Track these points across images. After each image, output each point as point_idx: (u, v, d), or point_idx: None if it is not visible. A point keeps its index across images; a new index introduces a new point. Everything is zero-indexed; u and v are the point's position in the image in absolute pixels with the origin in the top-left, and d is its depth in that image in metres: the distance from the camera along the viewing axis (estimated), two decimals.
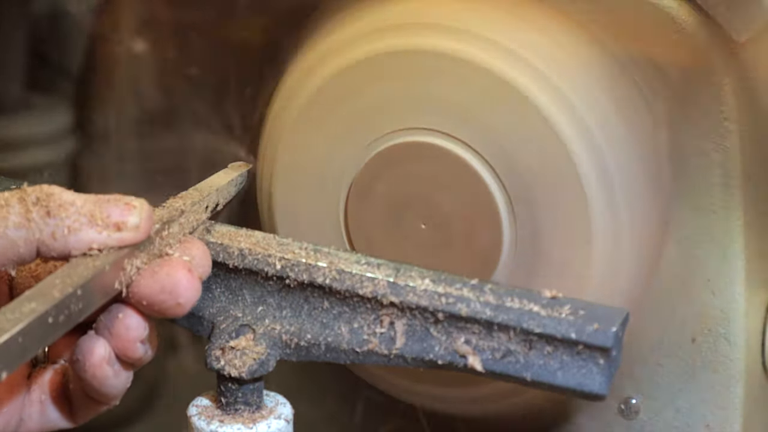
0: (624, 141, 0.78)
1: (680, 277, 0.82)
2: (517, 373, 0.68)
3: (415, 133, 0.79)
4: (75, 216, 0.64)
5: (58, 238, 0.64)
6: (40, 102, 1.49)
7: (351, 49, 0.81)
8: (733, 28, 0.76)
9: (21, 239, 0.63)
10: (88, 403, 0.71)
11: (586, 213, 0.76)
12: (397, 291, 0.69)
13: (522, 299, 0.67)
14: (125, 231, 0.65)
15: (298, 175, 0.83)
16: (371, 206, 0.80)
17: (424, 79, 0.78)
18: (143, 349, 0.68)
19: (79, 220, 0.64)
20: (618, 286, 0.78)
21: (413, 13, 0.80)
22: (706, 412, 0.83)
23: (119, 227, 0.65)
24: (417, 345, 0.70)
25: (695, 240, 0.81)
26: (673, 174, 0.80)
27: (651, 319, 0.82)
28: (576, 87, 0.76)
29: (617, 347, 0.66)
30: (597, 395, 0.67)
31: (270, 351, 0.72)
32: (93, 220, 0.64)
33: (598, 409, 0.86)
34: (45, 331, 0.59)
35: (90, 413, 0.72)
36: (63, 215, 0.64)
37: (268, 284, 0.72)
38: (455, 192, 0.78)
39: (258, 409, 0.72)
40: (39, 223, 0.63)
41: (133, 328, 0.67)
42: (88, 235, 0.64)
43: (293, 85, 0.84)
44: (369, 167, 0.80)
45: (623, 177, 0.77)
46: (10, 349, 0.57)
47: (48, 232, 0.63)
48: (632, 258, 0.78)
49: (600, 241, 0.76)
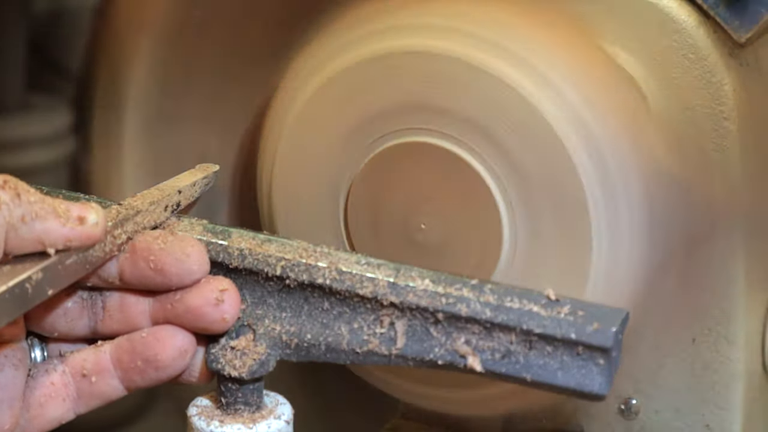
0: (624, 141, 0.78)
1: (680, 277, 0.81)
2: (517, 374, 0.68)
3: (415, 133, 0.79)
4: (40, 203, 0.64)
5: (27, 222, 0.63)
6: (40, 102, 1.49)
7: (351, 50, 0.81)
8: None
9: None
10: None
11: (586, 213, 0.76)
12: (397, 291, 0.69)
13: (522, 299, 0.67)
14: (86, 225, 0.65)
15: (298, 175, 0.83)
16: (371, 206, 0.80)
17: (424, 80, 0.78)
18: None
19: (44, 208, 0.64)
20: (618, 286, 0.78)
21: (414, 14, 0.80)
22: (706, 412, 0.83)
23: (81, 221, 0.65)
24: (417, 345, 0.70)
25: (695, 240, 0.81)
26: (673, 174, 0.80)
27: (651, 319, 0.82)
28: (576, 87, 0.76)
29: (617, 347, 0.66)
30: (597, 395, 0.67)
31: (270, 351, 0.72)
32: (56, 212, 0.65)
33: (598, 409, 0.86)
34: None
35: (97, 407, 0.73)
36: (31, 199, 0.64)
37: (268, 284, 0.72)
38: (455, 192, 0.78)
39: (258, 409, 0.72)
40: (9, 204, 0.63)
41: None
42: (53, 225, 0.64)
43: (294, 86, 0.84)
44: (369, 167, 0.80)
45: (623, 177, 0.77)
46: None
47: (18, 214, 0.63)
48: (632, 258, 0.78)
49: (600, 241, 0.76)
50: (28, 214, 0.64)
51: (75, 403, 0.72)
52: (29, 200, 0.64)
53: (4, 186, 0.63)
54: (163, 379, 0.72)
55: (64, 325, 0.72)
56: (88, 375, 0.72)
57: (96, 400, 0.73)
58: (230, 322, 0.71)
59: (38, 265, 0.64)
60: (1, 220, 0.63)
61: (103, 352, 0.72)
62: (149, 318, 0.72)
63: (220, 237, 0.73)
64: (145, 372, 0.71)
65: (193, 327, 0.71)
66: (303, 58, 0.85)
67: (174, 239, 0.70)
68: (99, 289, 0.72)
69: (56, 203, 0.65)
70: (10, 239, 0.63)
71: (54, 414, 0.72)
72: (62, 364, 0.72)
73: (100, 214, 0.67)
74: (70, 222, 0.65)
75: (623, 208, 0.77)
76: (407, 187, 0.79)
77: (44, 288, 0.65)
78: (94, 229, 0.66)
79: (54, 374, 0.72)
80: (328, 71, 0.81)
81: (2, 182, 0.64)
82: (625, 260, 0.78)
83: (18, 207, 0.63)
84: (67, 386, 0.72)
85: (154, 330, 0.71)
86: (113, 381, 0.72)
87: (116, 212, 0.71)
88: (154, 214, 0.73)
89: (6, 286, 0.62)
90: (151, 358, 0.71)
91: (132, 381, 0.72)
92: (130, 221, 0.71)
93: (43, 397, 0.71)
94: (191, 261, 0.70)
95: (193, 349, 0.72)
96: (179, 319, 0.71)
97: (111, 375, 0.72)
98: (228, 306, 0.70)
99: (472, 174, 0.77)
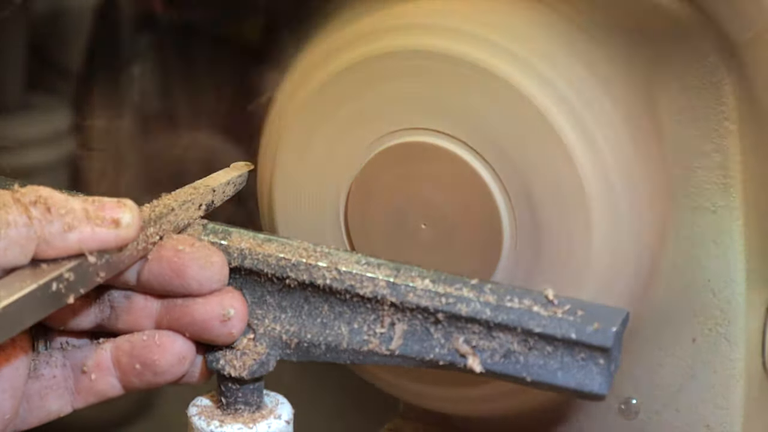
0: (624, 141, 0.78)
1: (680, 277, 0.82)
2: (517, 373, 0.68)
3: (415, 133, 0.79)
4: (72, 214, 0.64)
5: (59, 235, 0.64)
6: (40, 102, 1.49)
7: (351, 50, 0.81)
8: (733, 28, 0.76)
9: (22, 238, 0.63)
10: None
11: (586, 213, 0.76)
12: (397, 291, 0.69)
13: (522, 299, 0.67)
14: (121, 228, 0.65)
15: (298, 175, 0.83)
16: (371, 206, 0.80)
17: (423, 80, 0.78)
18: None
19: (76, 217, 0.64)
20: (618, 286, 0.78)
21: (413, 13, 0.80)
22: (706, 412, 0.83)
23: (116, 223, 0.65)
24: (417, 345, 0.70)
25: (695, 240, 0.81)
26: (673, 174, 0.80)
27: (651, 319, 0.82)
28: (576, 87, 0.76)
29: (617, 347, 0.66)
30: (597, 395, 0.67)
31: (270, 351, 0.72)
32: (89, 218, 0.65)
33: (598, 409, 0.86)
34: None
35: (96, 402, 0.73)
36: (62, 212, 0.64)
37: (268, 284, 0.72)
38: (455, 192, 0.78)
39: (258, 409, 0.72)
40: (41, 220, 0.63)
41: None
42: (87, 232, 0.64)
43: (294, 86, 0.84)
44: (369, 167, 0.80)
45: (623, 177, 0.77)
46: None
47: (49, 230, 0.63)
48: (632, 258, 0.78)
49: (600, 241, 0.76)
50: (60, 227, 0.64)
51: (73, 397, 0.72)
52: (60, 213, 0.64)
53: (36, 203, 0.64)
54: (160, 383, 0.72)
55: (71, 319, 0.72)
56: (88, 372, 0.72)
57: (94, 397, 0.73)
58: (237, 336, 0.71)
59: (70, 264, 0.64)
60: (32, 233, 0.63)
61: (104, 350, 0.72)
62: (154, 322, 0.72)
63: (219, 237, 0.73)
64: (143, 375, 0.71)
65: (198, 337, 0.71)
66: (303, 57, 0.85)
67: (200, 245, 0.70)
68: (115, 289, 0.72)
69: (87, 206, 0.65)
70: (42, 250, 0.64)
71: (53, 406, 0.72)
72: (63, 358, 0.73)
73: (135, 213, 0.66)
74: (104, 225, 0.65)
75: (624, 209, 0.77)
76: (407, 187, 0.79)
77: (76, 287, 0.64)
78: (128, 230, 0.66)
79: (56, 367, 0.72)
80: (328, 71, 0.81)
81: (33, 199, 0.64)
82: (625, 260, 0.78)
83: (49, 223, 0.64)
84: (67, 380, 0.72)
85: (155, 334, 0.71)
86: (112, 380, 0.72)
87: (150, 210, 0.70)
88: (188, 212, 0.73)
89: (37, 284, 0.62)
90: (149, 362, 0.71)
91: (130, 382, 0.72)
92: (164, 220, 0.70)
93: (45, 389, 0.72)
94: (214, 270, 0.70)
95: (193, 356, 0.72)
96: (184, 328, 0.71)
97: (110, 374, 0.72)
98: (237, 321, 0.70)
99: (472, 174, 0.77)
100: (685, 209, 0.80)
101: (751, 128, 0.78)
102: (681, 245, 0.81)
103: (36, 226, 0.63)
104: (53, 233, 0.64)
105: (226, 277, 0.71)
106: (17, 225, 0.63)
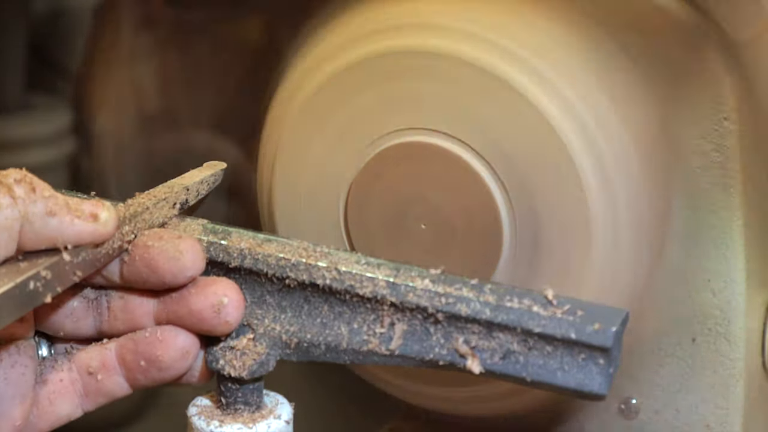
0: (624, 141, 0.78)
1: (680, 277, 0.82)
2: (516, 373, 0.68)
3: (415, 133, 0.79)
4: (54, 199, 0.64)
5: (42, 218, 0.64)
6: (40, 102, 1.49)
7: (350, 50, 0.81)
8: (733, 28, 0.76)
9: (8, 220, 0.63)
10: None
11: (586, 213, 0.76)
12: (397, 291, 0.69)
13: (522, 299, 0.67)
14: (99, 223, 0.66)
15: (298, 175, 0.83)
16: (371, 206, 0.80)
17: (423, 80, 0.78)
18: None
19: (58, 203, 0.65)
20: (618, 286, 0.78)
21: (412, 13, 0.80)
22: (706, 412, 0.83)
23: (94, 218, 0.65)
24: (417, 345, 0.70)
25: (695, 240, 0.81)
26: (673, 174, 0.80)
27: (651, 319, 0.82)
28: (576, 87, 0.76)
29: (617, 347, 0.66)
30: (597, 395, 0.67)
31: (270, 351, 0.72)
32: (69, 208, 0.65)
33: (598, 409, 0.86)
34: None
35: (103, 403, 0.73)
36: (46, 194, 0.64)
37: (268, 284, 0.72)
38: (455, 192, 0.78)
39: (258, 409, 0.72)
40: (25, 199, 0.63)
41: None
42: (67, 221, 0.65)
43: (293, 86, 0.84)
44: (369, 167, 0.80)
45: (623, 177, 0.77)
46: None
47: (33, 209, 0.63)
48: (632, 258, 0.78)
49: (600, 241, 0.76)
50: (43, 209, 0.64)
51: (82, 399, 0.73)
52: (44, 195, 0.64)
53: (21, 182, 0.64)
54: (166, 379, 0.72)
55: (69, 324, 0.72)
56: (95, 373, 0.72)
57: (102, 397, 0.73)
58: (234, 325, 0.71)
59: (47, 262, 0.64)
60: (17, 213, 0.63)
61: (109, 350, 0.72)
62: (153, 319, 0.72)
63: (219, 237, 0.73)
64: (148, 372, 0.71)
65: (197, 329, 0.71)
66: (302, 58, 0.85)
67: (168, 237, 0.70)
68: (103, 289, 0.72)
69: (68, 199, 0.66)
70: (24, 233, 0.64)
71: (63, 410, 0.72)
72: (69, 362, 0.73)
73: (112, 211, 0.67)
74: (82, 218, 0.65)
75: (623, 208, 0.77)
76: (407, 188, 0.79)
77: (53, 285, 0.65)
78: (106, 226, 0.67)
79: (62, 371, 0.72)
80: (327, 71, 0.81)
81: (19, 178, 0.64)
82: (625, 260, 0.78)
83: (33, 203, 0.64)
84: (75, 383, 0.72)
85: (157, 330, 0.71)
86: (119, 379, 0.72)
87: (125, 209, 0.71)
88: (162, 211, 0.73)
89: (14, 283, 0.63)
90: (153, 358, 0.71)
91: (136, 380, 0.72)
92: (138, 218, 0.71)
93: (53, 394, 0.72)
94: (185, 259, 0.70)
95: (196, 350, 0.72)
96: (182, 321, 0.71)
97: (116, 373, 0.72)
98: (231, 309, 0.70)
99: (472, 174, 0.77)
100: (685, 209, 0.80)
101: (751, 128, 0.78)
102: (681, 245, 0.81)
103: (20, 205, 0.63)
104: (36, 213, 0.64)
105: (200, 264, 0.70)
106: (2, 207, 0.63)
